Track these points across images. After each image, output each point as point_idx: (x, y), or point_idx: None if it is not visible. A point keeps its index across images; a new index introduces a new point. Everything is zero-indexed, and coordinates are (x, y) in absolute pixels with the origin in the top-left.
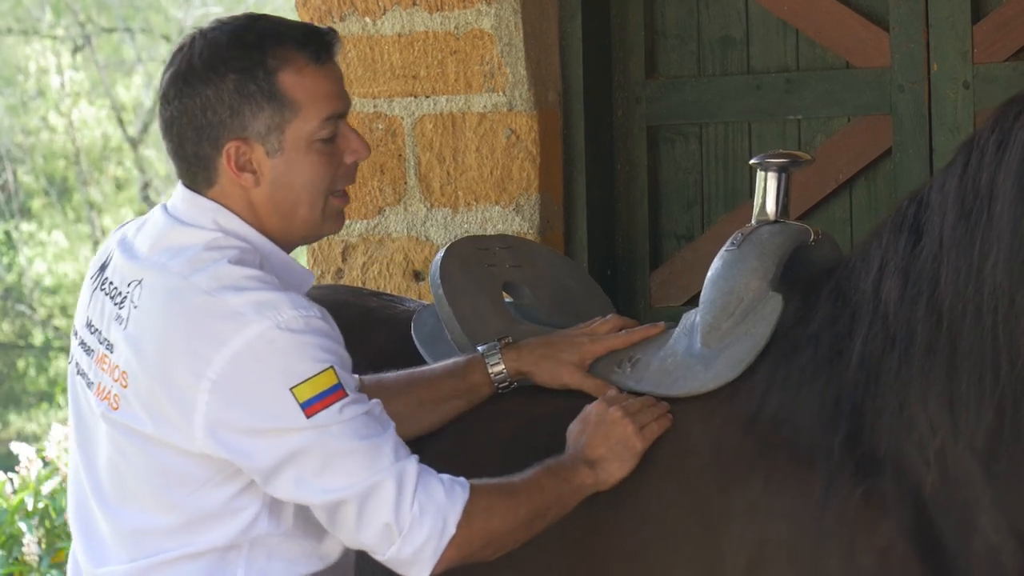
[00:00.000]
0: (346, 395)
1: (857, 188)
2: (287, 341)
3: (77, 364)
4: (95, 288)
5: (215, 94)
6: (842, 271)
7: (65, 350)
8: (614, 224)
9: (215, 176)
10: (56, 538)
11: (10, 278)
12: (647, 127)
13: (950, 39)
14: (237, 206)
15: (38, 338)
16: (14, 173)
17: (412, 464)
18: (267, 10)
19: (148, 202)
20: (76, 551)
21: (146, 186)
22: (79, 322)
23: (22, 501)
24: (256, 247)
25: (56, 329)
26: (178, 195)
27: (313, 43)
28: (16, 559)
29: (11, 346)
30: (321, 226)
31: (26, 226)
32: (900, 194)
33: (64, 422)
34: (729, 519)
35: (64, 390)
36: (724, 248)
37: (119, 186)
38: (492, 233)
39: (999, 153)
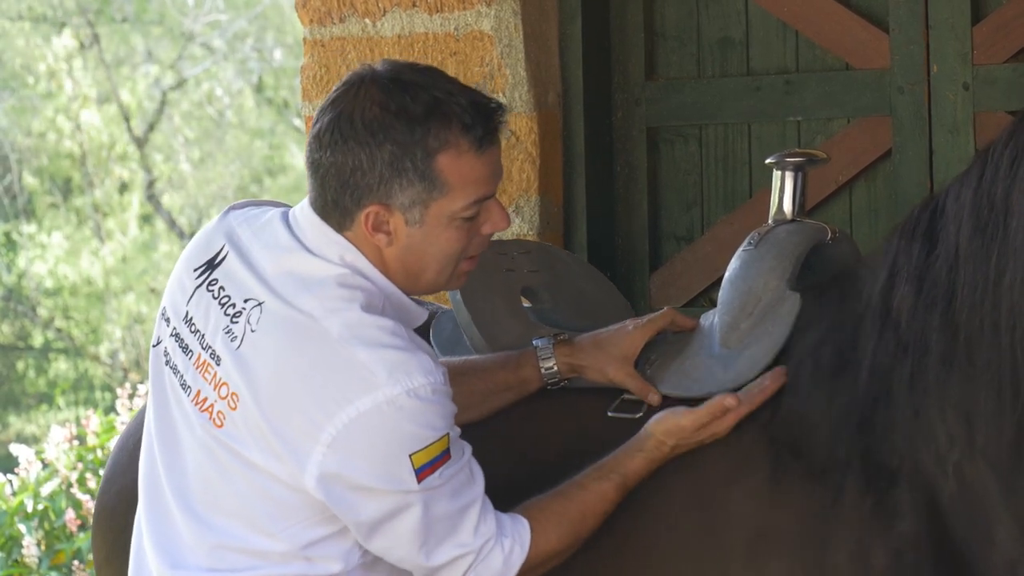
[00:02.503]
0: (451, 456)
1: (857, 189)
2: (414, 409)
3: (168, 355)
4: (200, 284)
5: (368, 160)
6: (856, 274)
7: (65, 351)
8: (613, 225)
9: (350, 224)
10: (55, 540)
11: (10, 279)
12: (647, 128)
13: (950, 40)
14: (366, 253)
15: (38, 340)
16: (19, 175)
17: (488, 535)
18: (266, 11)
19: (153, 202)
20: (145, 544)
21: (151, 185)
22: (174, 312)
23: (21, 503)
24: (380, 288)
25: (58, 331)
26: (305, 216)
27: (479, 126)
28: (16, 561)
29: (11, 348)
30: (441, 287)
31: (26, 227)
32: (900, 195)
33: (63, 424)
34: (742, 516)
35: (63, 392)
36: (741, 248)
37: (123, 188)
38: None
39: (1013, 168)
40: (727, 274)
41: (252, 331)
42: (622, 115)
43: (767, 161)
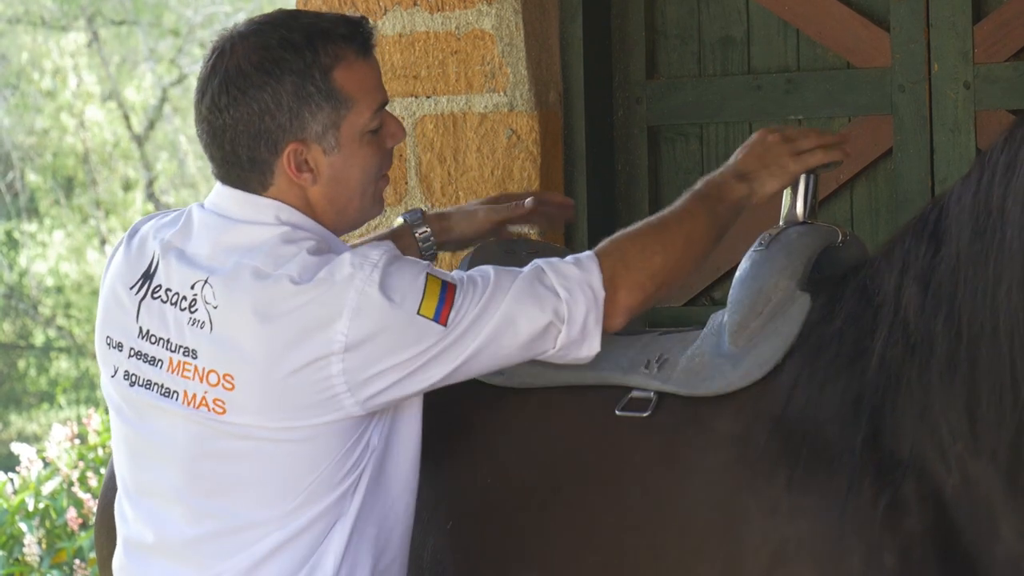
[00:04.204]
0: (454, 286)
1: (858, 188)
2: (387, 276)
3: (132, 377)
4: (143, 297)
5: (273, 99)
6: (867, 270)
7: (66, 350)
8: (615, 224)
9: (271, 178)
10: (56, 538)
11: (12, 278)
12: (648, 127)
13: (951, 39)
14: (294, 203)
15: (39, 338)
16: (21, 173)
17: (536, 269)
18: (270, 9)
19: (153, 200)
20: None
21: (150, 183)
22: (124, 335)
23: (23, 501)
24: (323, 238)
25: (59, 329)
26: (224, 196)
27: (358, 35)
28: (17, 559)
29: (12, 346)
30: (368, 212)
31: (27, 226)
32: (901, 194)
33: (64, 422)
34: (753, 516)
35: (65, 390)
36: (752, 248)
37: (126, 186)
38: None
39: (1007, 175)
40: (737, 274)
41: (215, 308)
42: (623, 114)
43: None
